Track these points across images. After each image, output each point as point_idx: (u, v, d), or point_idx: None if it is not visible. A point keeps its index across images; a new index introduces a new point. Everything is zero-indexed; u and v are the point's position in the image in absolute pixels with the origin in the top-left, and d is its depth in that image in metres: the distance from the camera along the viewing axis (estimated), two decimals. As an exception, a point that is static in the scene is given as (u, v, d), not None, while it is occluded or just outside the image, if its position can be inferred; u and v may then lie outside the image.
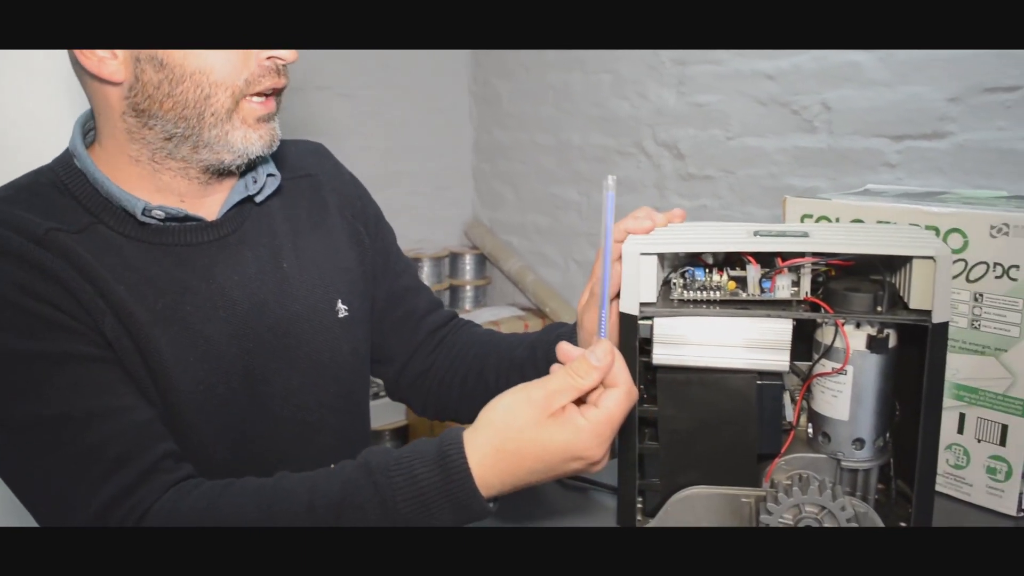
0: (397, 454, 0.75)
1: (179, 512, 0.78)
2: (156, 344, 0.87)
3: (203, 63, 0.84)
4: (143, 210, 0.87)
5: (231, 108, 0.87)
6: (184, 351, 0.89)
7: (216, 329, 0.91)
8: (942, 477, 0.97)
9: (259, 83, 0.87)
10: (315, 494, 0.75)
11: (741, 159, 2.08)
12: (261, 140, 0.90)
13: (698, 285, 0.83)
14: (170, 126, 0.87)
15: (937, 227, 0.93)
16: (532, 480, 0.74)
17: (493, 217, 3.09)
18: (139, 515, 0.78)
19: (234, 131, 0.88)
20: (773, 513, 0.80)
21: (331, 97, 2.82)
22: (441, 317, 1.13)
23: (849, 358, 0.80)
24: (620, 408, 0.73)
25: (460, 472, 0.72)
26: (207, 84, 0.85)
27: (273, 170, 0.98)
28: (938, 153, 1.66)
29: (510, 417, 0.73)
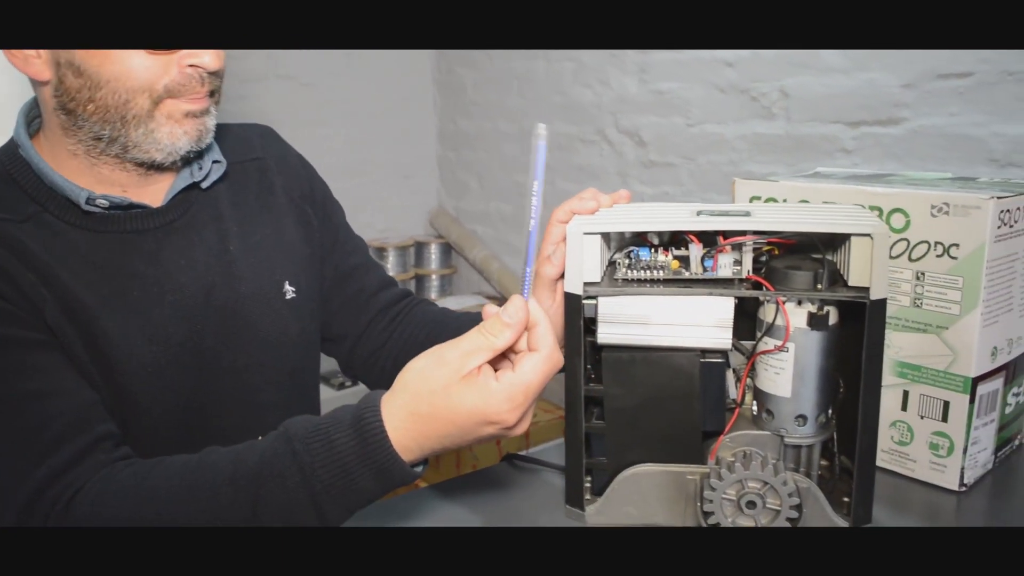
0: (316, 421, 0.75)
1: (108, 491, 0.78)
2: (103, 329, 0.87)
3: (119, 70, 0.83)
4: (87, 199, 0.88)
5: (151, 108, 0.86)
6: (132, 335, 0.89)
7: (164, 313, 0.92)
8: (887, 454, 0.99)
9: (181, 91, 0.87)
10: (237, 465, 0.75)
11: (702, 146, 2.09)
12: (187, 136, 0.89)
13: (642, 265, 0.84)
14: (96, 128, 0.86)
15: (880, 207, 0.94)
16: (449, 444, 0.73)
17: (458, 206, 3.08)
18: (71, 495, 0.78)
19: (159, 129, 0.87)
20: (716, 489, 0.81)
21: (295, 87, 2.80)
22: (393, 295, 1.13)
23: (790, 335, 0.81)
24: (537, 372, 0.71)
25: (377, 436, 0.72)
26: (124, 90, 0.84)
27: (219, 156, 0.98)
28: (892, 139, 1.68)
29: (422, 380, 0.72)
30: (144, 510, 0.76)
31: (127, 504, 0.76)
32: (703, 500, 0.82)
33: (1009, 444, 1.02)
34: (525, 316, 0.72)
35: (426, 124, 3.13)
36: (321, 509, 0.73)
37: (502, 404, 0.70)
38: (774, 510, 0.81)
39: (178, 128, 0.88)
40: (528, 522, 0.91)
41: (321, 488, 0.72)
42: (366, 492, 0.74)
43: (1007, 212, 0.88)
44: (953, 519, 0.91)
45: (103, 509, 0.77)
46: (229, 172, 1.00)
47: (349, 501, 0.74)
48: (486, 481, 1.03)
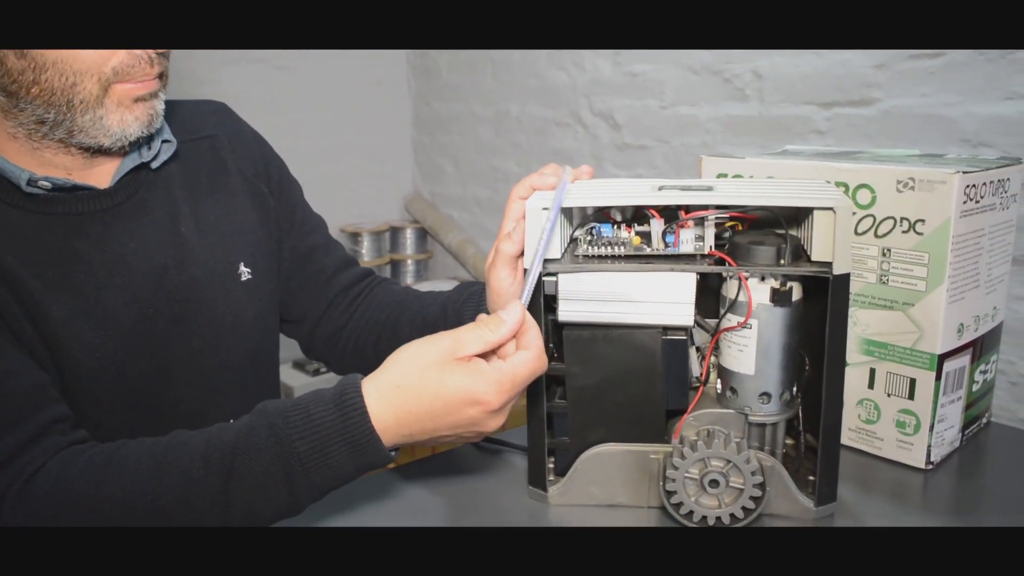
0: (295, 399, 0.75)
1: (71, 471, 0.76)
2: (47, 312, 0.85)
3: (64, 52, 0.80)
4: (28, 180, 0.85)
5: (100, 94, 0.83)
6: (78, 319, 0.87)
7: (112, 297, 0.90)
8: (854, 432, 0.98)
9: (129, 73, 0.83)
10: (210, 442, 0.75)
11: (675, 128, 2.08)
12: (138, 121, 0.86)
13: (604, 241, 0.82)
14: (40, 111, 0.83)
15: (846, 183, 0.93)
16: (430, 425, 0.73)
17: (434, 191, 3.06)
18: (29, 474, 0.77)
19: (108, 115, 0.84)
20: (679, 468, 0.80)
21: (267, 70, 2.76)
22: (354, 275, 1.11)
23: (753, 311, 0.80)
24: (526, 368, 0.73)
25: (357, 411, 0.72)
26: (70, 72, 0.81)
27: (168, 136, 0.95)
28: (865, 120, 1.67)
29: (416, 356, 0.73)
30: (110, 487, 0.74)
31: (92, 482, 0.75)
32: (666, 479, 0.81)
33: (977, 422, 1.02)
34: (521, 317, 0.74)
35: (401, 108, 3.10)
36: (293, 484, 0.73)
37: (491, 385, 0.72)
38: (737, 489, 0.80)
39: (128, 114, 0.85)
40: (491, 504, 0.90)
41: (296, 461, 0.72)
42: (340, 469, 0.74)
43: (973, 187, 0.87)
44: (920, 497, 0.91)
45: (66, 488, 0.75)
46: (180, 151, 0.98)
47: (323, 478, 0.74)
48: (451, 463, 1.01)
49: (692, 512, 0.81)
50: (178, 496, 0.73)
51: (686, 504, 0.81)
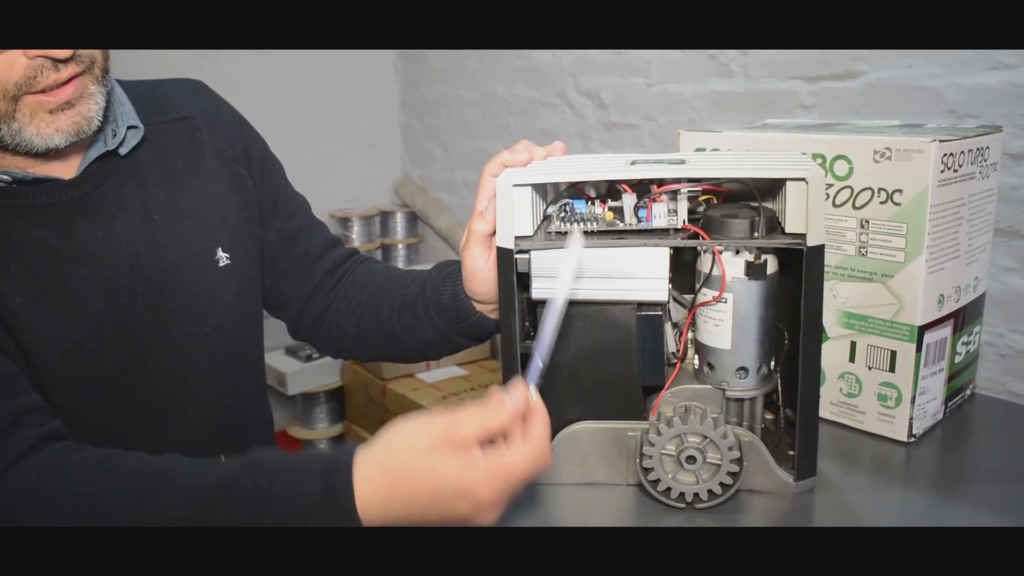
0: (287, 459, 0.72)
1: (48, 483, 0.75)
2: (9, 304, 0.84)
3: None
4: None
5: (10, 108, 0.78)
6: (44, 311, 0.86)
7: (79, 288, 0.88)
8: (836, 406, 0.97)
9: (35, 83, 0.78)
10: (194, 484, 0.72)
11: (661, 106, 2.06)
12: (60, 133, 0.81)
13: (577, 217, 0.81)
14: None
15: (824, 155, 0.91)
16: (415, 512, 0.69)
17: (423, 174, 3.04)
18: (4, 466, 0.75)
19: (25, 129, 0.80)
20: (655, 445, 0.79)
21: (251, 55, 2.74)
22: (338, 256, 1.09)
23: (727, 285, 0.79)
24: (524, 462, 0.67)
25: (344, 488, 0.69)
26: None
27: (135, 121, 0.92)
28: (850, 93, 1.66)
29: (406, 436, 0.70)
30: (86, 508, 0.73)
31: (68, 497, 0.74)
32: (642, 456, 0.80)
33: (960, 394, 1.01)
34: (525, 403, 0.68)
35: (388, 92, 3.08)
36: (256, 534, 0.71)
37: (483, 479, 0.66)
38: (715, 464, 0.79)
39: (46, 126, 0.80)
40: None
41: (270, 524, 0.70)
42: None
43: (951, 156, 0.86)
44: (902, 471, 0.90)
45: (41, 500, 0.74)
46: (154, 134, 0.96)
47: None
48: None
49: (670, 489, 0.80)
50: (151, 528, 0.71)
51: (663, 481, 0.80)
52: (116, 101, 0.91)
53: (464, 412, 0.68)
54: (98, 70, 0.84)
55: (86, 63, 0.81)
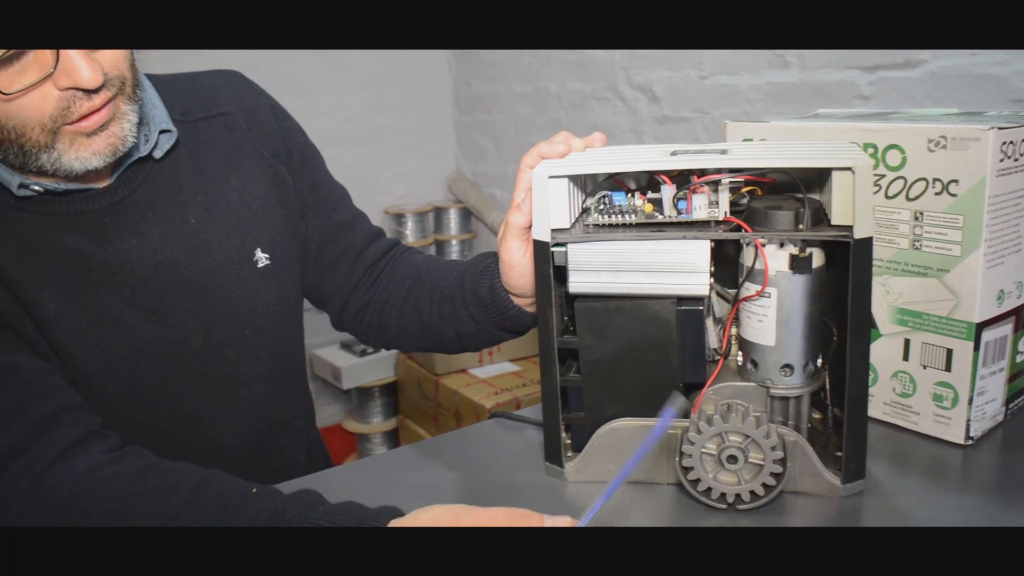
0: (319, 510, 0.71)
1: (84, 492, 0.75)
2: (45, 311, 0.85)
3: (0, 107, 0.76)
4: (19, 185, 0.83)
5: (50, 139, 0.79)
6: (76, 317, 0.86)
7: (109, 293, 0.88)
8: (889, 407, 0.94)
9: (70, 114, 0.78)
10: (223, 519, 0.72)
11: (715, 98, 2.03)
12: (98, 156, 0.81)
13: (616, 209, 0.79)
14: (1, 155, 0.80)
15: (875, 144, 0.88)
16: None
17: (476, 170, 3.04)
18: (37, 472, 0.76)
19: (64, 155, 0.80)
20: (695, 443, 0.77)
21: (305, 53, 2.76)
22: (379, 249, 1.09)
23: (771, 279, 0.76)
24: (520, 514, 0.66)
25: None
26: (10, 128, 0.77)
27: (167, 125, 0.91)
28: (911, 82, 1.60)
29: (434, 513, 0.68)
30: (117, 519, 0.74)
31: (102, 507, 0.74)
32: (682, 455, 0.78)
33: (1023, 395, 0.96)
34: None
35: (442, 88, 3.08)
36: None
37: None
38: (757, 465, 0.77)
39: (84, 151, 0.81)
40: (508, 481, 0.88)
41: None
42: None
43: (1010, 144, 0.82)
44: (958, 475, 0.86)
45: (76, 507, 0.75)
46: (191, 131, 0.95)
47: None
48: (472, 438, 1.00)
49: (710, 489, 0.78)
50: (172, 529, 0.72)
51: (704, 481, 0.78)
52: (148, 104, 0.91)
53: (493, 514, 0.67)
54: (129, 88, 0.83)
55: (117, 85, 0.81)
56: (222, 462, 0.82)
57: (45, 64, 0.75)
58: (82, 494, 0.75)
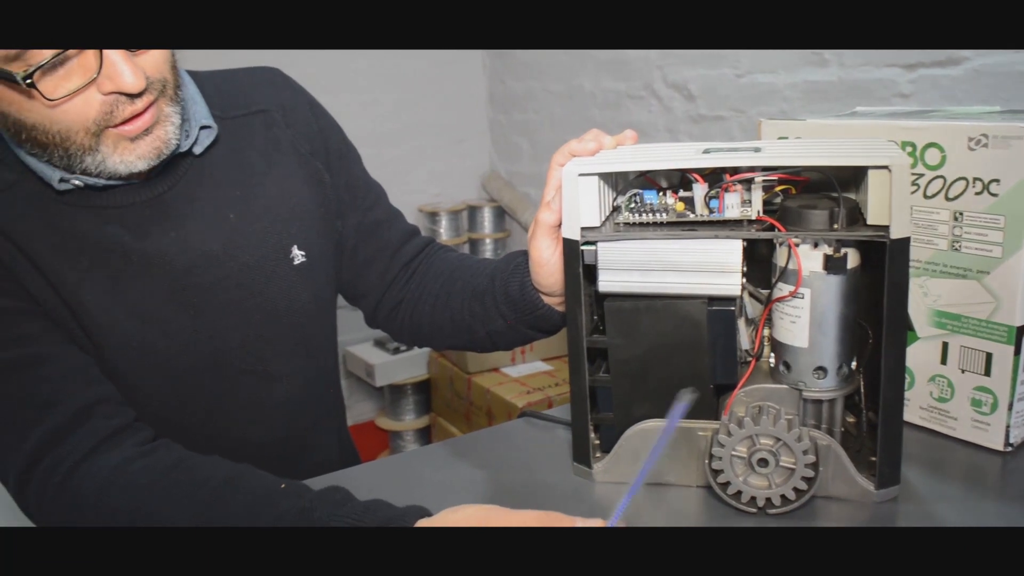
0: (346, 508, 0.71)
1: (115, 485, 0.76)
2: (83, 302, 0.85)
3: (39, 117, 0.77)
4: (60, 179, 0.84)
5: (93, 142, 0.79)
6: (113, 309, 0.87)
7: (147, 287, 0.89)
8: (926, 411, 0.92)
9: (113, 118, 0.79)
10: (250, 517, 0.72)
11: (751, 97, 2.00)
12: (143, 158, 0.82)
13: (647, 208, 0.79)
14: (44, 155, 0.81)
15: (914, 143, 0.86)
16: None
17: (510, 169, 3.04)
18: (71, 464, 0.77)
19: (109, 158, 0.81)
20: (725, 446, 0.76)
21: (341, 53, 2.77)
22: (414, 247, 1.09)
23: (805, 280, 0.75)
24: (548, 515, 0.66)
25: None
26: (54, 131, 0.78)
27: (207, 121, 0.92)
28: (952, 80, 1.57)
29: (464, 513, 0.68)
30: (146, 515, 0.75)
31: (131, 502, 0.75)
32: (712, 457, 0.77)
33: (1065, 400, 0.94)
34: None
35: (476, 86, 3.08)
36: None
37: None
38: (788, 468, 0.75)
39: (128, 154, 0.81)
40: (536, 480, 0.87)
41: None
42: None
43: (1055, 143, 0.80)
44: (997, 482, 0.84)
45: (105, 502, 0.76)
46: (231, 128, 0.96)
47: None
48: (501, 437, 0.99)
49: (740, 492, 0.77)
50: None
51: (733, 484, 0.77)
52: (189, 100, 0.91)
53: (524, 516, 0.67)
54: (171, 91, 0.84)
55: (159, 88, 0.82)
56: (252, 459, 0.82)
57: (89, 69, 0.75)
58: (113, 488, 0.76)
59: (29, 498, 0.78)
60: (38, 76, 0.73)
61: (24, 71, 0.72)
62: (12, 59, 0.72)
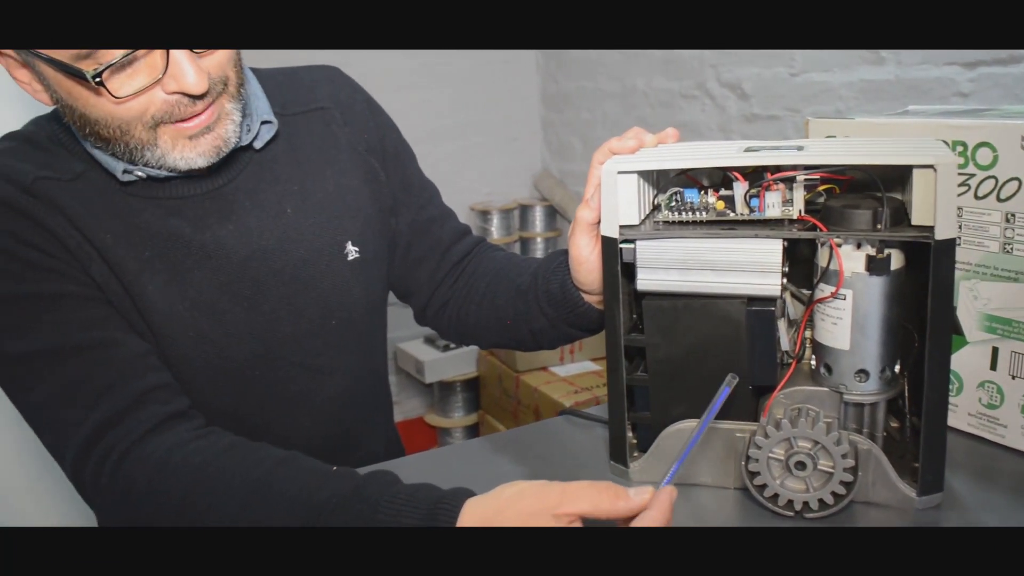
0: (393, 491, 0.72)
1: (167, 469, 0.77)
2: (144, 291, 0.87)
3: (102, 113, 0.79)
4: (123, 171, 0.86)
5: (152, 137, 0.82)
6: (173, 300, 0.89)
7: (204, 278, 0.90)
8: (974, 418, 0.90)
9: (171, 116, 0.81)
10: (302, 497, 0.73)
11: (806, 96, 1.97)
12: (203, 156, 0.84)
13: (687, 206, 0.78)
14: (107, 148, 0.84)
15: (965, 142, 0.84)
16: None
17: (562, 168, 3.03)
18: (125, 447, 0.79)
19: (168, 154, 0.83)
20: (762, 448, 0.75)
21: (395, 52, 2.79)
22: (465, 247, 1.09)
23: (846, 281, 0.74)
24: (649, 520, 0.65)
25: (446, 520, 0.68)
26: (115, 126, 0.80)
27: (268, 116, 0.94)
28: (1015, 79, 1.52)
29: (516, 493, 0.68)
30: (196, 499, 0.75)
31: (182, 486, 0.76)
32: (748, 459, 0.76)
33: (1123, 410, 0.91)
34: (644, 503, 0.66)
35: (529, 85, 3.08)
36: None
37: None
38: (826, 472, 0.74)
39: (188, 151, 0.84)
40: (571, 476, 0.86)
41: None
42: None
43: (1113, 143, 0.77)
44: (1048, 491, 0.82)
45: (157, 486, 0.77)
46: (290, 125, 0.97)
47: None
48: (540, 434, 1.00)
49: (777, 495, 0.76)
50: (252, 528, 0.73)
51: (770, 487, 0.76)
52: (251, 95, 0.93)
53: (578, 487, 0.66)
54: (233, 88, 0.85)
55: (220, 88, 0.83)
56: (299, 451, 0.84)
57: (155, 68, 0.78)
58: (166, 468, 0.77)
59: (85, 478, 0.80)
60: (107, 75, 0.76)
61: (94, 70, 0.75)
62: (83, 57, 0.75)
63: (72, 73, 0.76)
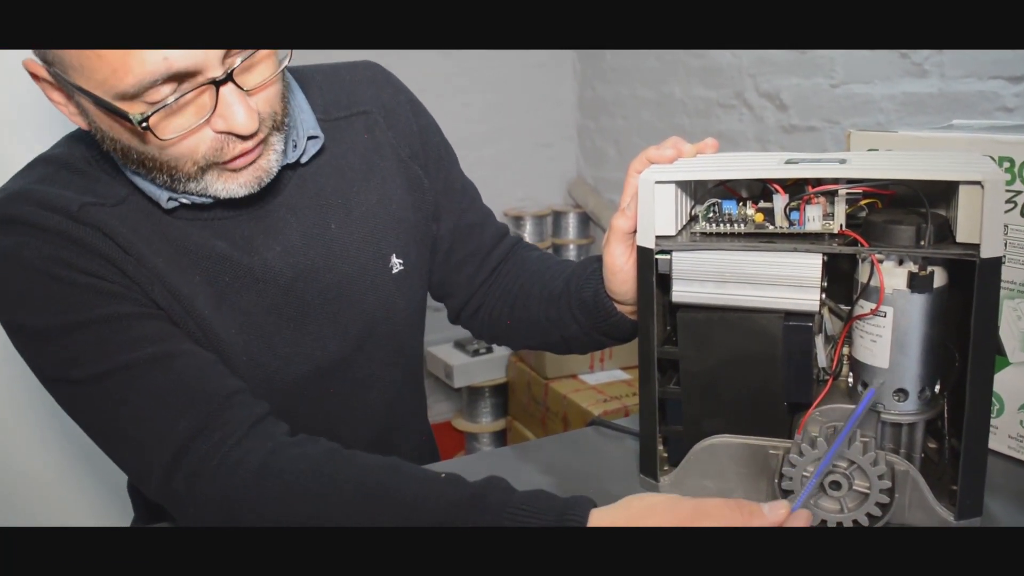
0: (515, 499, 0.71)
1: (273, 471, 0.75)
2: (199, 313, 0.86)
3: (148, 151, 0.78)
4: (168, 198, 0.84)
5: (199, 172, 0.80)
6: (226, 324, 0.87)
7: (251, 301, 0.89)
8: (1015, 441, 0.88)
9: (222, 155, 0.79)
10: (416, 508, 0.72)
11: (846, 108, 1.95)
12: (243, 187, 0.83)
13: (725, 218, 0.77)
14: (148, 175, 0.82)
15: (1012, 158, 0.82)
16: None
17: (597, 175, 3.02)
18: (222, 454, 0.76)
19: (212, 185, 0.81)
20: (796, 466, 0.74)
21: (431, 54, 2.80)
22: (503, 250, 1.08)
23: (887, 297, 0.72)
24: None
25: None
26: (163, 163, 0.79)
27: (315, 130, 0.91)
28: (1062, 95, 1.50)
29: (647, 504, 0.68)
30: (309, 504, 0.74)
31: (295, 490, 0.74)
32: (782, 477, 0.75)
33: None
34: (781, 519, 0.67)
35: (566, 91, 3.08)
36: None
37: None
38: (862, 493, 0.73)
39: (231, 183, 0.82)
40: (601, 490, 0.86)
41: None
42: None
43: None
44: (1092, 518, 0.80)
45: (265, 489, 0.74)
46: (333, 131, 0.95)
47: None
48: (569, 444, 0.99)
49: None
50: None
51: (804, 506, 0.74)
52: (296, 109, 0.90)
53: (711, 504, 0.67)
54: (279, 120, 0.84)
55: (269, 125, 0.82)
56: None
57: (203, 107, 0.76)
58: (270, 473, 0.75)
59: (178, 487, 0.77)
60: (153, 118, 0.74)
61: (141, 114, 0.73)
62: (130, 97, 0.73)
63: (116, 113, 0.74)
